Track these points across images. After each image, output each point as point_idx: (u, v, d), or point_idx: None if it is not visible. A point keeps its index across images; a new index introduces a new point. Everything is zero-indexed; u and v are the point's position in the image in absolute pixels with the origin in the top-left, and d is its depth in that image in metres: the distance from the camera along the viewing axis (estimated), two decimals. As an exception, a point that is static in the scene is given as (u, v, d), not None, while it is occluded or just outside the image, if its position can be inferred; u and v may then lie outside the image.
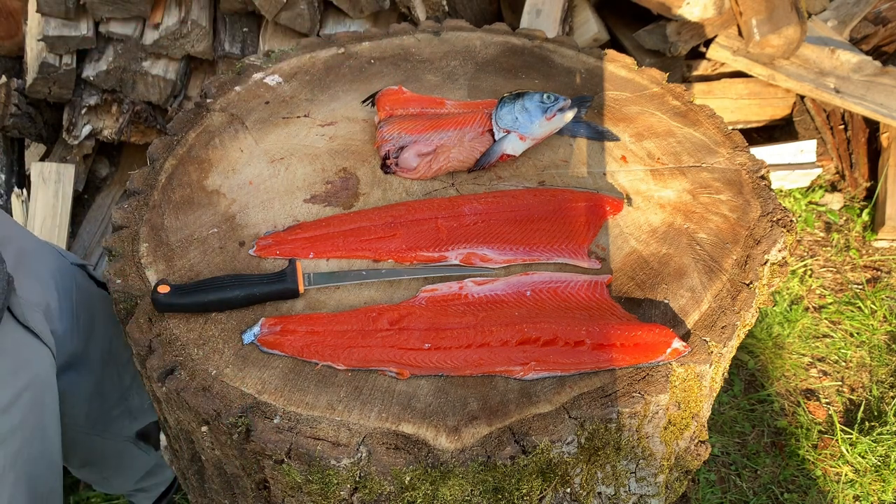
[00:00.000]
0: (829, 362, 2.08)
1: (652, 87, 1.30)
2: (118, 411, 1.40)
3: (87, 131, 2.24)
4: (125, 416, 1.43)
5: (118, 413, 1.40)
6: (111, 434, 1.42)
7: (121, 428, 1.44)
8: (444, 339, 0.86)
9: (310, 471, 0.77)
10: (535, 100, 1.08)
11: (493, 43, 1.40)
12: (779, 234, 1.01)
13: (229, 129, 1.17)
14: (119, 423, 1.43)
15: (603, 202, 1.04)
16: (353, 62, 1.33)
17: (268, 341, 0.86)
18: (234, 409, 0.80)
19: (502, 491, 0.79)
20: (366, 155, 1.13)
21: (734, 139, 1.18)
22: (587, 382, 0.84)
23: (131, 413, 1.44)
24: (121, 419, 1.43)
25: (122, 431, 1.45)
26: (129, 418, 1.45)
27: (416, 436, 0.78)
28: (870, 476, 1.80)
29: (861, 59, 2.37)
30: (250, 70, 1.29)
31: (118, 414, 1.41)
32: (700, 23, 2.27)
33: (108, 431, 1.41)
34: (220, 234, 1.01)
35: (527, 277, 0.94)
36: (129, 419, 1.46)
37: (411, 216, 1.00)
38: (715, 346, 0.88)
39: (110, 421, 1.40)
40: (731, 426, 1.92)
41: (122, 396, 1.39)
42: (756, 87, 2.51)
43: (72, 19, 2.10)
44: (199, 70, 2.29)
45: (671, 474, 1.00)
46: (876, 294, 2.24)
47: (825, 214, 2.50)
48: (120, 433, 1.45)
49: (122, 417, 1.42)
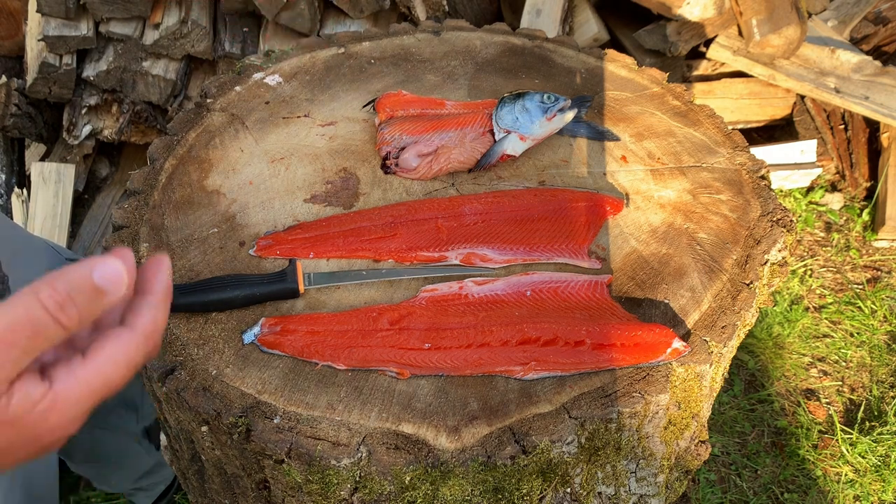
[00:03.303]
0: (829, 362, 2.08)
1: (652, 87, 1.30)
2: (113, 402, 1.41)
3: (88, 131, 2.24)
4: (121, 406, 1.43)
5: (114, 404, 1.40)
6: (114, 428, 1.43)
7: (125, 423, 1.45)
8: (445, 339, 0.86)
9: (310, 471, 0.77)
10: (536, 100, 1.08)
11: (493, 43, 1.40)
12: (779, 234, 1.01)
13: (229, 129, 1.17)
14: (120, 416, 1.43)
15: (603, 202, 1.04)
16: (353, 62, 1.33)
17: (268, 341, 0.86)
18: (235, 409, 0.80)
19: (502, 491, 0.79)
20: (366, 155, 1.13)
21: (734, 139, 1.18)
22: (587, 382, 0.84)
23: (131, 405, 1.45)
24: (120, 411, 1.43)
25: (126, 427, 1.45)
26: (130, 412, 1.46)
27: (416, 436, 0.78)
28: (870, 476, 1.80)
29: (861, 59, 2.37)
30: (250, 70, 1.29)
31: (114, 405, 1.41)
32: (700, 23, 2.27)
33: (110, 424, 1.41)
34: (221, 234, 1.01)
35: (527, 277, 0.94)
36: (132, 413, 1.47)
37: (411, 216, 1.00)
38: (715, 346, 0.88)
39: (108, 412, 1.40)
40: (731, 426, 1.92)
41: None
42: (756, 87, 2.51)
43: (72, 19, 2.10)
44: (199, 70, 2.30)
45: (671, 474, 1.00)
46: (876, 294, 2.24)
47: (825, 214, 2.50)
48: (125, 429, 1.45)
49: (120, 408, 1.43)
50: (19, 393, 0.46)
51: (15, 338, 0.45)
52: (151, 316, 0.53)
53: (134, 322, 0.52)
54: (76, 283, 0.47)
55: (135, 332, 0.52)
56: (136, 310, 0.53)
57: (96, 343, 0.51)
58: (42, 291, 0.46)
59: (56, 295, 0.46)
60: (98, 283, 0.48)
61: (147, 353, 0.52)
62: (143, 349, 0.52)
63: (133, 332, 0.52)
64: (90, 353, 0.50)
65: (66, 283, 0.47)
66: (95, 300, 0.48)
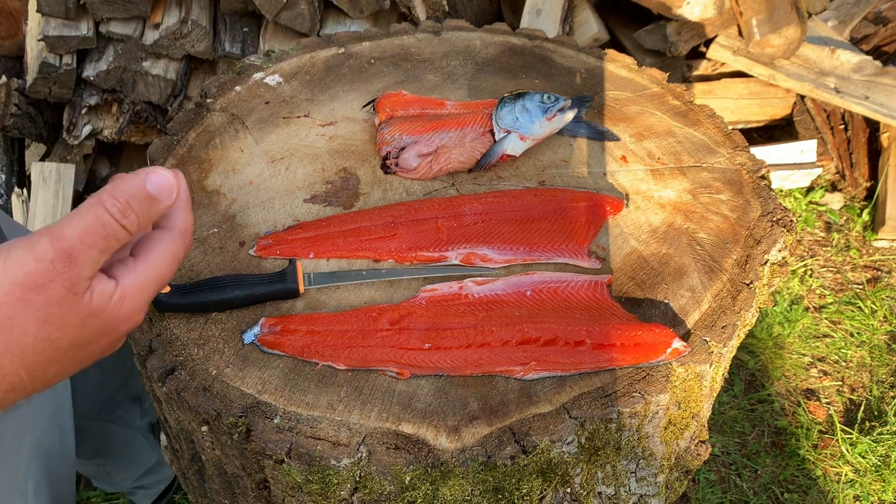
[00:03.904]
0: (829, 362, 2.08)
1: (652, 87, 1.30)
2: (121, 396, 1.44)
3: (88, 131, 2.24)
4: (128, 400, 1.45)
5: (122, 398, 1.43)
6: (122, 421, 1.44)
7: (132, 416, 1.46)
8: (445, 338, 0.86)
9: (310, 471, 0.77)
10: (536, 100, 1.08)
11: (493, 43, 1.40)
12: (779, 234, 1.01)
13: (229, 129, 1.17)
14: (127, 409, 1.45)
15: (603, 202, 1.04)
16: (353, 62, 1.33)
17: (268, 341, 0.86)
18: (235, 408, 0.80)
19: (502, 491, 0.79)
20: (366, 155, 1.14)
21: (734, 139, 1.18)
22: (587, 382, 0.84)
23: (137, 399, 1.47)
24: (127, 405, 1.45)
25: (133, 421, 1.47)
26: (136, 406, 1.47)
27: (416, 436, 0.78)
28: (870, 476, 1.80)
29: (861, 58, 2.37)
30: (250, 70, 1.29)
31: (122, 399, 1.43)
32: (700, 23, 2.27)
33: (118, 417, 1.43)
34: (221, 234, 1.01)
35: (527, 277, 0.94)
36: (138, 407, 1.48)
37: (411, 216, 1.00)
38: (715, 346, 0.88)
39: (116, 405, 1.43)
40: (731, 426, 1.93)
41: (124, 382, 1.43)
42: (756, 87, 2.51)
43: (72, 19, 2.10)
44: (199, 70, 2.30)
45: (671, 474, 1.00)
46: (876, 294, 2.24)
47: (825, 214, 2.50)
48: (132, 422, 1.47)
49: (127, 402, 1.45)
50: (97, 288, 0.53)
51: (92, 240, 0.51)
52: (182, 217, 0.61)
53: (171, 224, 0.61)
54: (133, 192, 0.54)
55: (173, 231, 0.60)
56: (168, 214, 0.61)
57: (143, 245, 0.59)
58: (106, 201, 0.52)
59: (118, 203, 0.53)
60: (152, 191, 0.55)
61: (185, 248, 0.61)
62: (182, 245, 0.61)
63: (172, 231, 0.60)
64: (141, 254, 0.59)
65: (124, 192, 0.53)
66: (151, 206, 0.55)
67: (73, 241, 0.51)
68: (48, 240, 0.50)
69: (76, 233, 0.51)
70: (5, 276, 0.50)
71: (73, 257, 0.50)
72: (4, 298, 0.50)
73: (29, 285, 0.50)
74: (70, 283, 0.51)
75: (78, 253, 0.51)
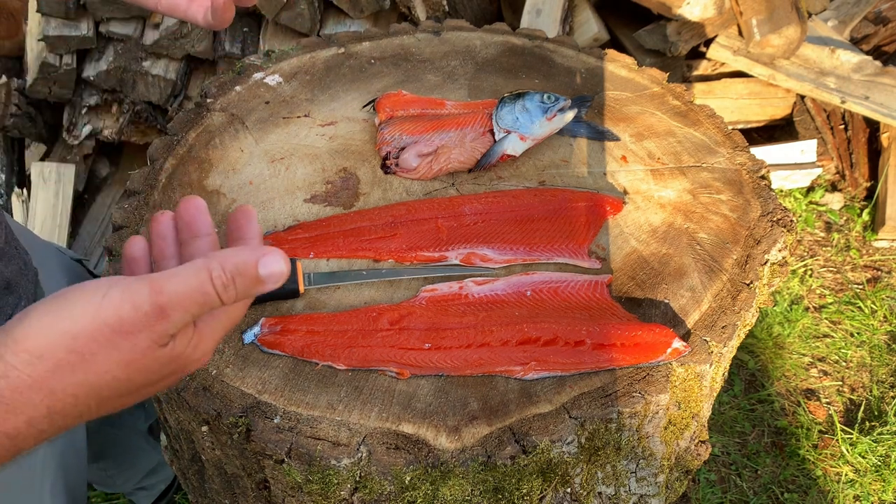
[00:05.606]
0: (829, 362, 2.08)
1: (652, 86, 1.30)
2: None
3: (88, 131, 2.24)
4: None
5: None
6: (124, 424, 1.44)
7: (134, 420, 1.46)
8: (445, 338, 0.86)
9: (310, 471, 0.77)
10: (536, 100, 1.08)
11: (493, 43, 1.40)
12: (779, 234, 1.01)
13: (229, 128, 1.17)
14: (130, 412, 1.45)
15: (603, 202, 1.04)
16: (353, 62, 1.33)
17: (268, 341, 0.86)
18: (235, 408, 0.80)
19: (502, 491, 0.79)
20: (366, 155, 1.13)
21: (734, 139, 1.18)
22: (587, 382, 0.84)
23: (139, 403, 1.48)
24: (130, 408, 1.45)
25: (134, 424, 1.47)
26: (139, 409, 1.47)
27: (416, 436, 0.78)
28: (870, 476, 1.80)
29: (861, 58, 2.37)
30: (250, 70, 1.29)
31: None
32: (700, 22, 2.27)
33: (120, 420, 1.43)
34: (221, 234, 1.01)
35: (527, 277, 0.94)
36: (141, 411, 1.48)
37: (411, 216, 1.00)
38: (715, 346, 0.88)
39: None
40: (731, 426, 1.93)
41: None
42: (756, 87, 2.50)
43: (72, 19, 2.10)
44: (199, 70, 2.30)
45: (671, 474, 1.00)
46: (876, 294, 2.24)
47: (825, 214, 2.50)
48: (133, 425, 1.46)
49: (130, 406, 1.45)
50: (179, 336, 0.55)
51: (189, 305, 0.53)
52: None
53: None
54: (243, 269, 0.54)
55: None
56: None
57: None
58: (215, 270, 0.53)
59: (224, 276, 0.53)
60: (261, 275, 0.55)
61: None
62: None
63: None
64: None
65: (234, 266, 0.54)
66: (254, 287, 0.55)
67: (171, 299, 0.52)
68: (148, 291, 0.52)
69: (176, 292, 0.52)
70: (99, 313, 0.51)
71: (166, 314, 0.52)
72: (94, 335, 0.51)
73: (119, 329, 0.51)
74: (157, 336, 0.53)
75: (172, 311, 0.52)
